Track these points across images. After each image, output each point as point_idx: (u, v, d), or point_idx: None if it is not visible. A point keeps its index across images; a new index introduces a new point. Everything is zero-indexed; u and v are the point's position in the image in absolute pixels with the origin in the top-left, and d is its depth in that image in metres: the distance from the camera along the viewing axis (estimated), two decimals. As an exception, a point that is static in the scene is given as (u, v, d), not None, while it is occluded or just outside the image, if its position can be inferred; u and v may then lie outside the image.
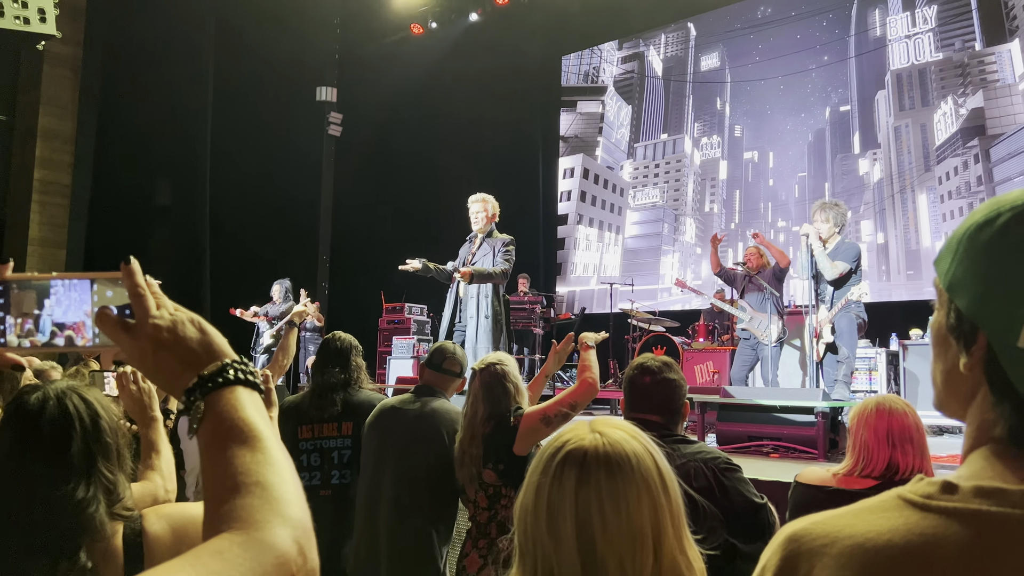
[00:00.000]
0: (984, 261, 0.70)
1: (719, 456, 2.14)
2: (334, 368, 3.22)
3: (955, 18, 9.34)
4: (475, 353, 5.39)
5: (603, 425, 1.05)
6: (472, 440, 2.59)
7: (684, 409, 2.26)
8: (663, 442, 2.11)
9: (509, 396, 2.61)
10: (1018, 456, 0.68)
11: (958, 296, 0.71)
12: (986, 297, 0.69)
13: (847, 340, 5.66)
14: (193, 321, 0.84)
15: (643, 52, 12.42)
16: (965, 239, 0.72)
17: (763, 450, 4.93)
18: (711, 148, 11.52)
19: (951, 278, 0.73)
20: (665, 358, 2.29)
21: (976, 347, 0.70)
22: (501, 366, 2.65)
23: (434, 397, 2.96)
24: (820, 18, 10.53)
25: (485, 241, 5.77)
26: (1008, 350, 0.66)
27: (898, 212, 9.62)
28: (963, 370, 0.71)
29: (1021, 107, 8.65)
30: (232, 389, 0.79)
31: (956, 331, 0.72)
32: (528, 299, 9.92)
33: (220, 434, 0.76)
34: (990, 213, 0.71)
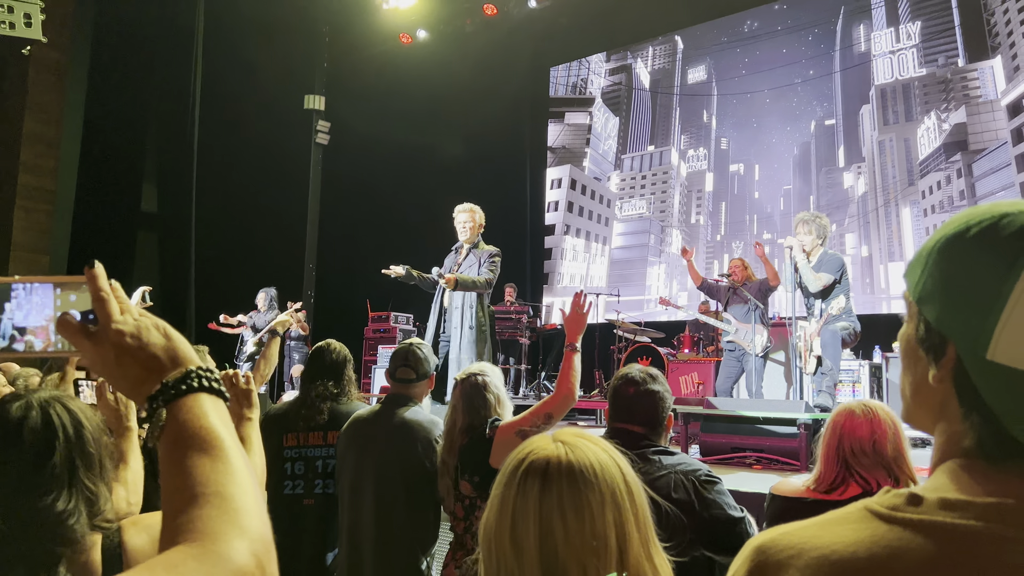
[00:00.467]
0: (954, 273, 0.70)
1: (699, 468, 2.14)
2: (327, 380, 3.18)
3: (939, 34, 9.47)
4: (459, 364, 5.39)
5: (566, 435, 1.06)
6: (450, 451, 2.59)
7: (668, 421, 2.27)
8: (644, 453, 2.15)
9: (489, 407, 2.60)
10: (985, 468, 0.68)
11: (927, 308, 0.72)
12: (955, 309, 0.69)
13: (830, 352, 5.70)
14: (158, 327, 0.83)
15: (631, 64, 12.50)
16: (935, 251, 0.72)
17: (746, 461, 4.95)
18: (697, 160, 11.59)
19: (921, 290, 0.73)
20: (650, 369, 2.29)
21: (945, 359, 0.70)
22: (482, 376, 2.64)
23: (403, 406, 2.91)
24: (806, 33, 10.65)
25: (471, 252, 5.79)
26: (977, 362, 0.67)
27: (882, 225, 9.71)
28: (932, 382, 0.72)
29: (1003, 123, 8.77)
30: (195, 396, 0.78)
31: (925, 343, 0.73)
32: (514, 309, 9.93)
33: (181, 442, 0.74)
34: (960, 226, 0.71)
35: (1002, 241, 0.68)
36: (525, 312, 9.96)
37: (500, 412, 2.61)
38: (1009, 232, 0.68)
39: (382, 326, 10.60)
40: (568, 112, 13.04)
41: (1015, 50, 8.80)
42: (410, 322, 10.82)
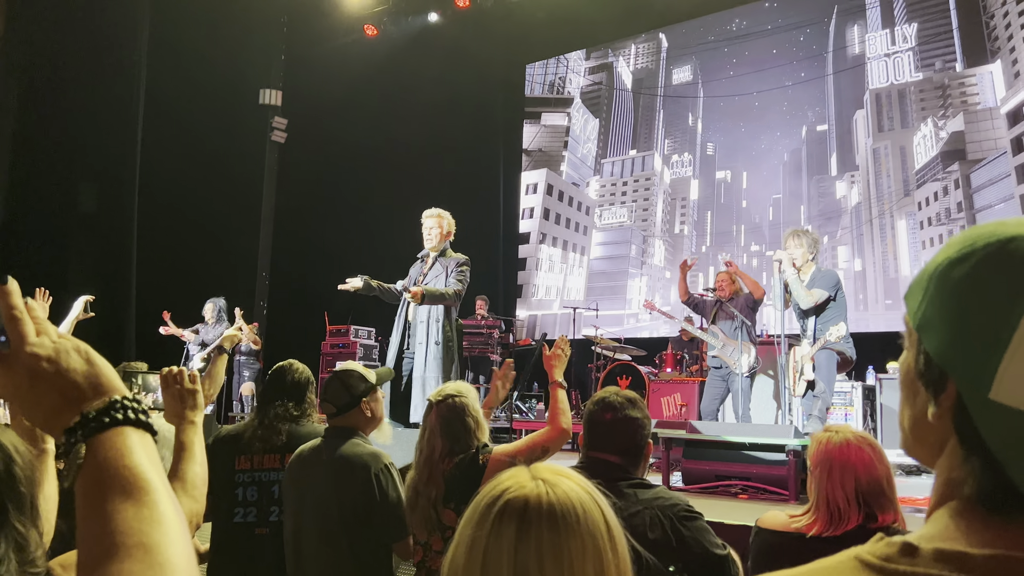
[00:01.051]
0: (955, 303, 0.68)
1: (678, 503, 2.13)
2: (288, 402, 3.14)
3: (935, 37, 9.65)
4: (424, 382, 5.34)
5: (545, 472, 1.03)
6: (430, 479, 2.54)
7: (646, 450, 2.26)
8: (620, 487, 2.13)
9: (470, 432, 2.57)
10: (985, 517, 0.67)
11: (928, 338, 0.70)
12: (957, 343, 0.67)
13: (824, 375, 5.75)
14: (79, 350, 0.80)
15: (612, 63, 12.58)
16: (936, 276, 0.71)
17: (731, 490, 4.96)
18: (682, 166, 11.68)
19: (921, 317, 0.71)
20: (629, 393, 2.28)
21: (945, 396, 0.69)
22: (460, 399, 2.61)
23: (344, 440, 2.84)
24: (797, 33, 10.80)
25: (438, 260, 5.75)
26: (979, 402, 0.65)
27: (876, 238, 9.84)
28: (931, 419, 0.70)
29: (1002, 131, 8.94)
30: (119, 431, 0.75)
31: (925, 376, 0.71)
32: (485, 323, 9.90)
33: (101, 484, 0.71)
34: (963, 249, 0.70)
35: (1010, 268, 0.66)
36: (497, 327, 9.94)
37: (479, 436, 2.59)
38: (1018, 258, 0.66)
39: (341, 340, 10.51)
40: (545, 112, 13.08)
41: (1015, 55, 8.99)
42: (371, 336, 10.75)
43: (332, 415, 2.93)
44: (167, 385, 1.96)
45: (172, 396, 1.95)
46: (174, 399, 1.94)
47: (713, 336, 6.86)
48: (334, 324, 10.68)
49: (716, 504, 4.48)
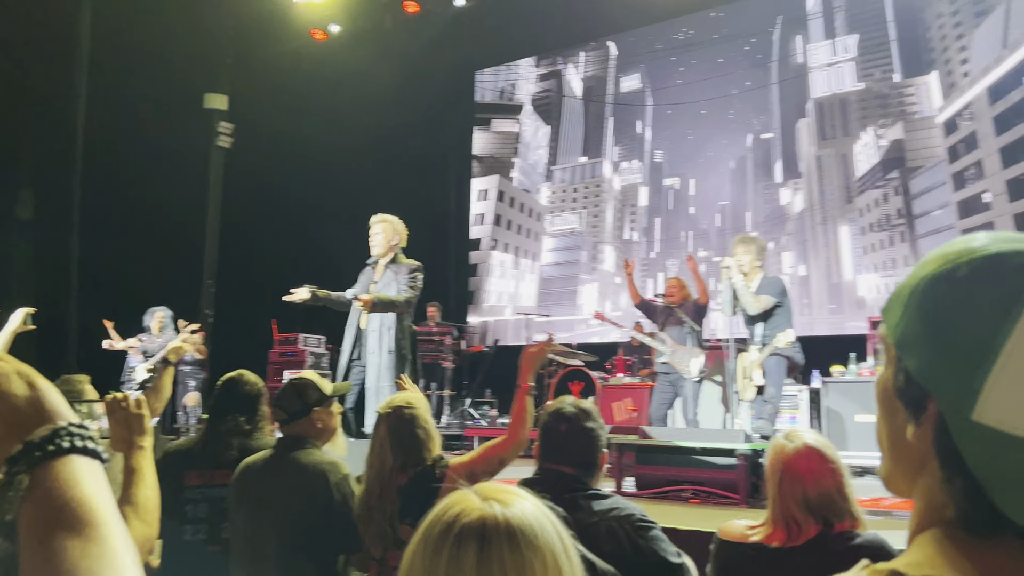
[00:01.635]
0: (937, 321, 0.66)
1: (633, 513, 2.13)
2: (239, 416, 3.05)
3: (875, 48, 9.91)
4: (378, 392, 5.28)
5: (494, 492, 1.00)
6: (383, 494, 2.49)
7: (601, 460, 2.26)
8: (575, 498, 2.12)
9: (421, 443, 2.53)
10: (969, 542, 0.65)
11: (908, 356, 0.68)
12: (939, 362, 0.65)
13: (774, 380, 5.85)
14: (21, 374, 0.75)
15: (561, 70, 12.65)
16: (918, 292, 0.69)
17: (683, 495, 5.01)
18: (631, 173, 11.79)
19: (901, 334, 0.70)
20: (584, 404, 2.28)
21: (926, 416, 0.67)
22: (410, 410, 2.57)
23: (298, 448, 2.79)
24: (742, 42, 10.98)
25: (389, 268, 5.67)
26: (961, 423, 0.63)
27: (820, 244, 10.05)
28: (911, 439, 0.69)
29: (939, 140, 9.22)
30: (66, 460, 0.70)
31: (904, 395, 0.69)
32: (437, 330, 9.85)
33: (46, 518, 0.66)
34: (944, 265, 0.68)
35: (994, 285, 0.64)
36: (449, 333, 9.89)
37: (431, 447, 2.55)
38: (1002, 274, 0.65)
39: (289, 349, 10.35)
40: (495, 119, 13.09)
41: (950, 66, 9.27)
42: (321, 344, 10.61)
43: (283, 421, 2.87)
44: (112, 411, 1.90)
45: (118, 422, 1.89)
46: (120, 425, 1.89)
47: (662, 342, 6.93)
48: (282, 332, 10.51)
49: (669, 509, 4.51)
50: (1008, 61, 8.81)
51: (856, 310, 9.48)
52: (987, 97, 8.91)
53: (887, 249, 9.44)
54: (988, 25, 9.05)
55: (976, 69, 9.04)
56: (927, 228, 9.17)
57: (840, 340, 8.64)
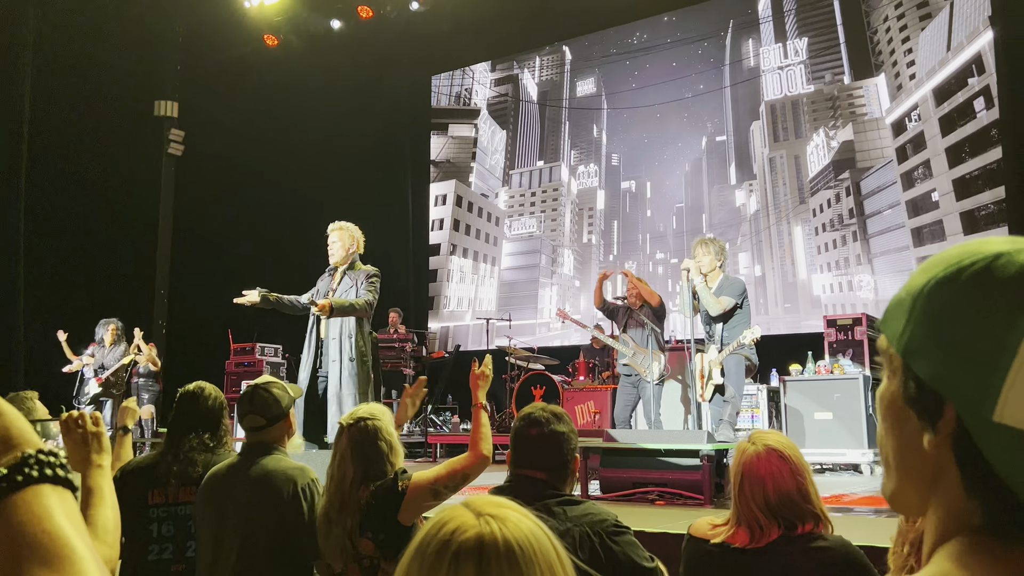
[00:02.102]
0: (949, 323, 0.65)
1: (607, 519, 2.12)
2: (203, 432, 2.97)
3: (825, 51, 10.09)
4: (340, 401, 5.20)
5: (486, 506, 0.97)
6: (343, 507, 2.45)
7: (573, 464, 2.24)
8: (548, 505, 2.11)
9: (383, 456, 2.48)
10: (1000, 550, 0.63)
11: (918, 363, 0.67)
12: (954, 365, 0.64)
13: (735, 380, 5.90)
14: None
15: (517, 75, 12.67)
16: (923, 297, 0.68)
17: (648, 497, 5.02)
18: (588, 177, 11.84)
19: (907, 342, 0.68)
20: (555, 408, 2.27)
21: (943, 422, 0.65)
22: (373, 422, 2.52)
23: (264, 455, 2.75)
24: (695, 46, 11.11)
25: (347, 274, 5.60)
26: (982, 425, 0.62)
27: (775, 244, 10.19)
28: (927, 448, 0.67)
29: (888, 140, 9.42)
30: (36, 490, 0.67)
31: (917, 403, 0.67)
32: (398, 337, 9.78)
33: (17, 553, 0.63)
34: (950, 267, 0.67)
35: (1002, 285, 0.64)
36: (409, 340, 9.83)
37: (394, 460, 2.51)
38: (1009, 274, 0.64)
39: (246, 359, 10.19)
40: (452, 124, 13.06)
41: (897, 68, 9.49)
42: (279, 353, 10.46)
43: (259, 428, 2.80)
44: (68, 430, 1.83)
45: (75, 441, 1.82)
46: (77, 444, 1.82)
47: (624, 344, 6.95)
48: (239, 342, 10.34)
49: (635, 512, 4.52)
50: (952, 64, 9.04)
51: (811, 309, 9.63)
52: (933, 99, 9.13)
53: (840, 248, 9.62)
54: (932, 29, 9.28)
55: (922, 71, 9.26)
56: (879, 227, 9.36)
57: (797, 339, 8.77)
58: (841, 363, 7.08)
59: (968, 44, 8.92)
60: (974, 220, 8.70)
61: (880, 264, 9.31)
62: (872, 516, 4.38)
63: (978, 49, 8.82)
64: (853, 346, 7.29)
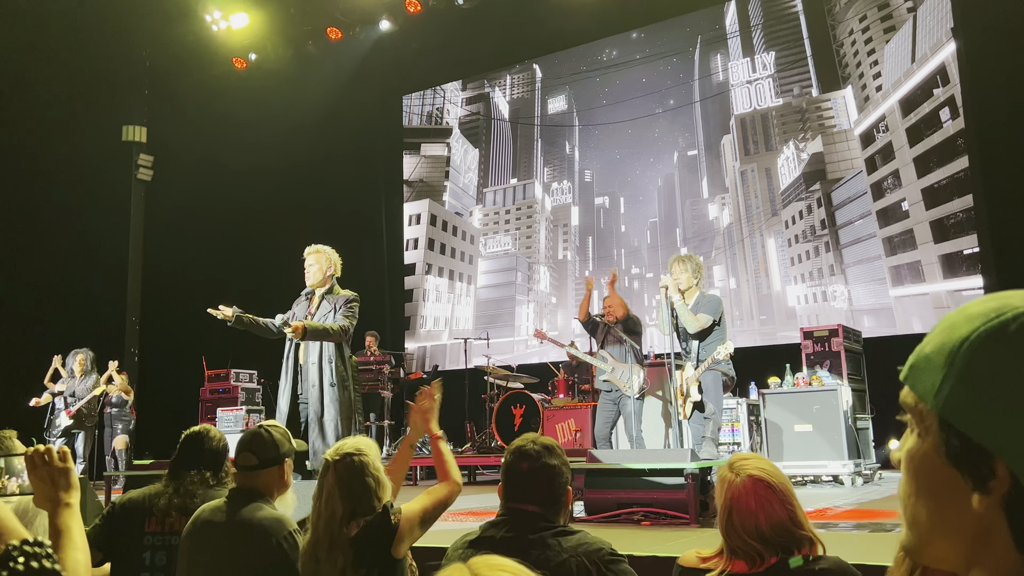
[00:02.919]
0: (999, 378, 0.63)
1: (603, 547, 2.10)
2: (205, 470, 2.95)
3: (792, 65, 10.21)
4: (322, 429, 5.11)
5: (494, 571, 0.94)
6: (332, 545, 2.39)
7: (566, 497, 2.21)
8: (543, 537, 2.08)
9: (370, 492, 2.44)
10: None
11: (964, 420, 0.65)
12: (1007, 421, 0.62)
13: (713, 396, 5.90)
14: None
15: (488, 93, 12.69)
16: (964, 352, 0.65)
17: (634, 518, 4.99)
18: (562, 193, 11.86)
19: (948, 400, 0.66)
20: (546, 440, 2.24)
21: (996, 481, 0.63)
22: (360, 456, 2.47)
23: (248, 503, 2.68)
24: (664, 62, 11.20)
25: (325, 299, 5.52)
26: None
27: (748, 257, 10.26)
28: (977, 507, 0.64)
29: (857, 152, 9.54)
30: None
31: (964, 462, 0.65)
32: (375, 359, 9.69)
33: None
34: (991, 322, 0.65)
35: None
36: (387, 361, 9.74)
37: (381, 495, 2.46)
38: None
39: (221, 385, 10.05)
40: (424, 143, 13.03)
41: (864, 81, 9.62)
42: (254, 379, 10.32)
43: (251, 467, 2.74)
44: (34, 467, 1.74)
45: (40, 479, 1.74)
46: (43, 482, 1.74)
47: (603, 360, 6.93)
48: (213, 368, 10.19)
49: (622, 534, 4.48)
50: (917, 75, 9.18)
51: (787, 320, 9.69)
52: (899, 109, 9.26)
53: (813, 259, 9.70)
54: (897, 41, 9.42)
55: (888, 83, 9.40)
56: (850, 237, 9.45)
57: (774, 350, 8.82)
58: (819, 375, 7.12)
59: (932, 55, 9.08)
60: (944, 228, 8.82)
61: (853, 274, 9.40)
62: (855, 532, 4.38)
63: (942, 60, 8.97)
64: (831, 357, 7.33)
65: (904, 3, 9.47)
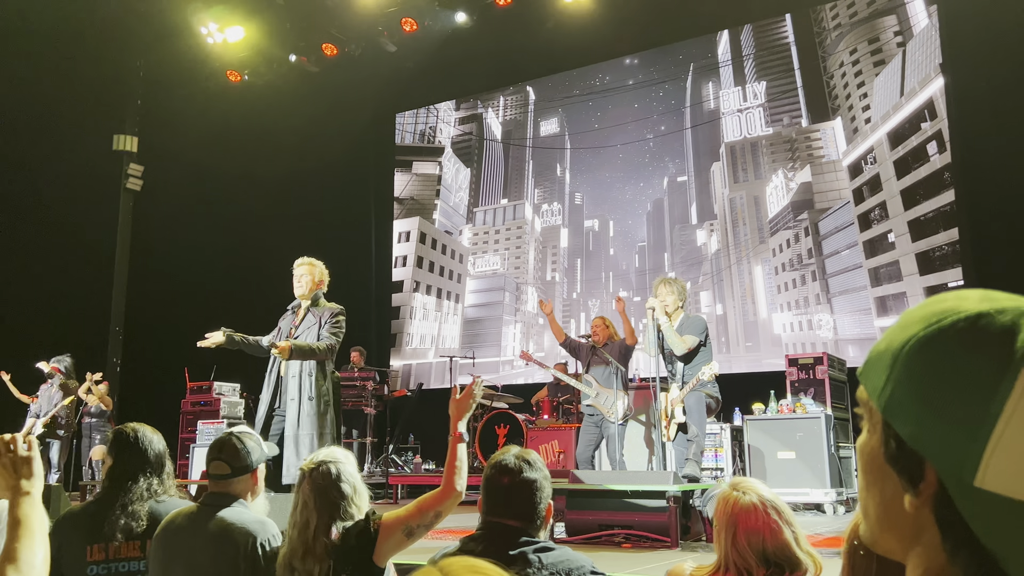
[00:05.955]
0: (929, 385, 0.63)
1: (583, 565, 2.07)
2: (136, 475, 2.82)
3: (782, 95, 10.30)
4: (297, 442, 5.05)
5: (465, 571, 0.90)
6: (307, 554, 2.34)
7: (547, 511, 2.18)
8: (524, 553, 2.04)
9: (347, 499, 2.39)
10: None
11: (899, 422, 0.65)
12: (935, 427, 0.62)
13: (696, 418, 5.87)
14: None
15: (481, 114, 12.73)
16: (904, 356, 0.66)
17: (615, 540, 4.94)
18: (552, 215, 11.88)
19: (888, 400, 0.66)
20: (527, 453, 2.21)
21: (925, 484, 0.64)
22: (334, 464, 2.43)
23: (224, 507, 2.64)
24: (656, 88, 11.28)
25: (310, 311, 5.47)
26: (963, 489, 0.60)
27: (735, 283, 10.28)
28: (908, 508, 0.65)
29: (845, 182, 9.60)
30: None
31: (898, 462, 0.66)
32: (359, 375, 9.62)
33: None
34: (931, 327, 0.65)
35: (988, 347, 0.62)
36: (371, 378, 9.66)
37: (358, 503, 2.42)
38: (993, 333, 0.62)
39: (203, 398, 9.93)
40: (416, 161, 13.04)
41: (853, 112, 9.71)
42: (236, 392, 10.20)
43: (223, 476, 2.69)
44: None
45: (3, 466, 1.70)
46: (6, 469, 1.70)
47: (587, 384, 6.89)
48: (195, 380, 10.08)
49: (602, 555, 4.43)
50: (905, 108, 9.28)
51: (772, 347, 9.70)
52: (888, 142, 9.34)
53: (800, 287, 9.73)
54: (886, 74, 9.52)
55: (877, 115, 9.49)
56: (837, 267, 9.49)
57: (759, 377, 8.81)
58: (803, 402, 7.11)
59: (920, 90, 9.17)
60: (929, 261, 8.87)
61: (839, 303, 9.42)
62: (836, 559, 4.34)
63: (930, 95, 9.07)
64: (815, 385, 7.33)
65: (894, 38, 9.59)
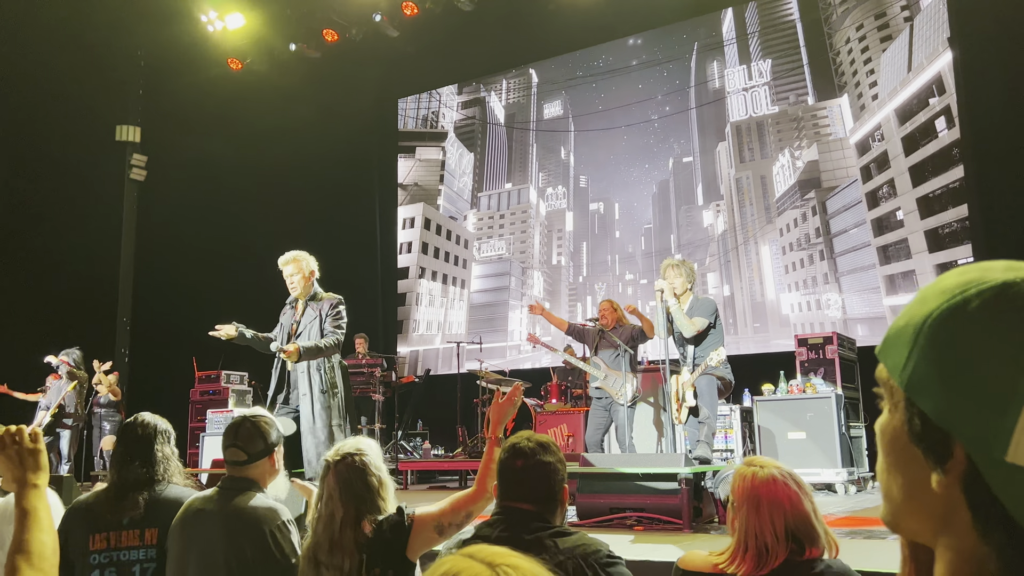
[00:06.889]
0: (956, 359, 0.62)
1: (600, 549, 2.07)
2: (134, 462, 2.86)
3: (788, 73, 10.21)
4: (315, 435, 5.01)
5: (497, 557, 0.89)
6: (334, 548, 2.32)
7: (563, 495, 2.17)
8: (540, 538, 2.03)
9: (373, 492, 2.38)
10: None
11: (923, 399, 0.63)
12: (963, 402, 0.61)
13: (707, 400, 5.86)
14: None
15: (484, 97, 12.67)
16: (927, 329, 0.64)
17: (626, 523, 4.94)
18: (556, 198, 11.83)
19: (911, 376, 0.64)
20: (541, 437, 2.20)
21: (953, 461, 0.62)
22: (360, 456, 2.41)
23: (241, 492, 2.67)
24: (660, 68, 11.19)
25: (309, 305, 5.36)
26: (994, 466, 0.59)
27: (743, 264, 10.24)
28: (936, 488, 0.63)
29: (852, 160, 9.53)
30: None
31: (923, 441, 0.64)
32: (366, 362, 9.63)
33: None
34: (955, 298, 0.63)
35: (1012, 319, 0.60)
36: (378, 365, 9.67)
37: (384, 495, 2.41)
38: (1019, 306, 0.61)
39: (211, 387, 9.96)
40: (419, 147, 13.00)
41: (860, 90, 9.62)
42: (244, 381, 10.24)
43: (241, 463, 2.71)
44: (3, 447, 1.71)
45: (9, 458, 1.70)
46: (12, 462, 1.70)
47: (596, 367, 6.88)
48: (203, 369, 10.11)
49: (614, 539, 4.42)
50: (913, 84, 9.19)
51: (781, 328, 9.67)
52: (895, 119, 9.26)
53: (808, 267, 9.68)
54: (893, 50, 9.43)
55: (884, 92, 9.40)
56: (845, 246, 9.44)
57: (768, 358, 8.79)
58: (813, 382, 7.09)
59: (928, 65, 9.08)
60: (938, 238, 8.81)
61: (847, 282, 9.38)
62: (849, 539, 4.34)
63: (938, 70, 8.98)
64: (824, 365, 7.30)
65: (901, 12, 9.48)
